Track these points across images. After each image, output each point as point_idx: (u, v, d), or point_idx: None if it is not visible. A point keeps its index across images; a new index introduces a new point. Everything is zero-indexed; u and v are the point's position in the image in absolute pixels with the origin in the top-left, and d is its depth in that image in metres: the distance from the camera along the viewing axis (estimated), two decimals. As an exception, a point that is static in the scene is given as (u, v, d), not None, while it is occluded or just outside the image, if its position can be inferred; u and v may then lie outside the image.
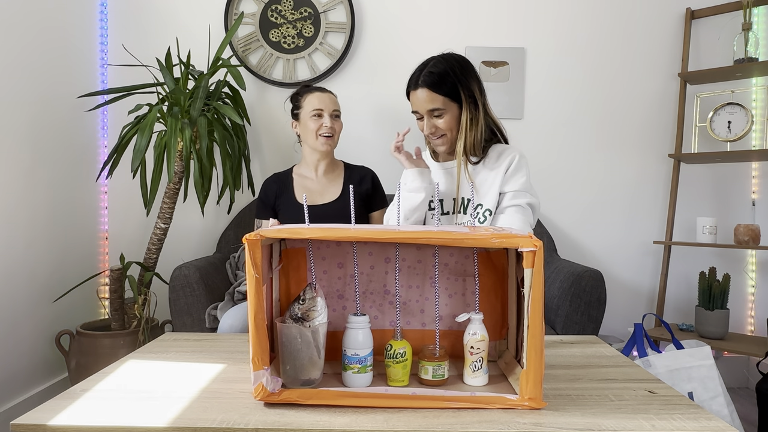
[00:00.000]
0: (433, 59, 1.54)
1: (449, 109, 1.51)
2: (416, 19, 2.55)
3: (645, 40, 2.54)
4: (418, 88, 1.51)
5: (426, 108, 1.51)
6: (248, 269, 0.89)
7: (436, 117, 1.52)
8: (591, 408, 0.91)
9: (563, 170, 2.57)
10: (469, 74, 1.53)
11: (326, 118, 1.92)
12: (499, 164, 1.53)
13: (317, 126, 1.91)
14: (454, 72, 1.50)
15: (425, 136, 1.60)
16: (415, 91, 1.53)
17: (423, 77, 1.51)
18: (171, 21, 2.53)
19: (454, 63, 1.53)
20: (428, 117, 1.53)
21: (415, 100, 1.54)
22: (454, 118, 1.53)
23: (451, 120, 1.52)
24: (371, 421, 0.85)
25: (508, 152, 1.55)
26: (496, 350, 1.13)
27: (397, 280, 1.08)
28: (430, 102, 1.50)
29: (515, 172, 1.52)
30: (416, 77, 1.53)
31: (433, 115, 1.52)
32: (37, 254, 2.13)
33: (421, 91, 1.51)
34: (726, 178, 2.54)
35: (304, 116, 1.94)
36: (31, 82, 2.09)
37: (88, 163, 2.47)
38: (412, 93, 1.55)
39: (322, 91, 1.97)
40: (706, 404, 1.71)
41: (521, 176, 1.52)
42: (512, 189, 1.51)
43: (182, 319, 1.94)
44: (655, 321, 2.47)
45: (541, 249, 0.89)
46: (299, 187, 1.99)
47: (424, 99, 1.51)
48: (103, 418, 0.86)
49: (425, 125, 1.54)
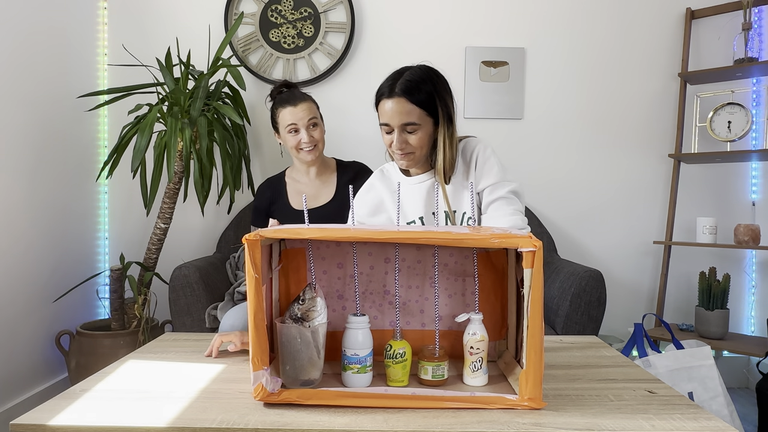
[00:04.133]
0: (409, 68, 1.41)
1: (424, 125, 1.38)
2: (416, 19, 2.55)
3: (645, 40, 2.54)
4: (393, 96, 1.36)
5: (400, 121, 1.36)
6: (248, 269, 0.89)
7: (409, 133, 1.37)
8: (591, 408, 0.91)
9: (563, 170, 2.57)
10: (446, 90, 1.42)
11: (303, 133, 1.85)
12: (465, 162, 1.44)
13: (296, 141, 1.87)
14: (432, 82, 1.38)
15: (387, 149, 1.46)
16: (388, 100, 1.37)
17: (400, 85, 1.36)
18: (171, 21, 2.53)
19: (433, 75, 1.41)
20: (400, 131, 1.37)
21: (388, 110, 1.37)
22: (427, 135, 1.39)
23: (424, 137, 1.38)
24: (371, 421, 0.85)
25: (469, 146, 1.46)
26: (496, 350, 1.13)
27: (396, 280, 1.08)
28: (405, 114, 1.35)
29: (484, 166, 1.43)
30: (391, 85, 1.38)
31: (406, 129, 1.37)
32: (37, 254, 2.13)
33: (396, 100, 1.36)
34: (726, 178, 2.54)
35: (282, 131, 1.90)
36: (31, 82, 2.09)
37: (88, 163, 2.47)
38: (383, 102, 1.39)
39: (294, 104, 1.87)
40: (706, 404, 1.71)
41: (491, 166, 1.42)
42: (488, 184, 1.41)
43: (182, 319, 1.94)
44: (655, 321, 2.47)
45: (541, 249, 0.89)
46: (293, 192, 1.97)
47: (399, 110, 1.35)
48: (103, 418, 0.86)
49: (395, 140, 1.38)
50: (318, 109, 1.94)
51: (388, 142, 1.42)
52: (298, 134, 1.86)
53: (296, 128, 1.86)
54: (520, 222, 1.37)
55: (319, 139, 1.90)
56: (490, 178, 1.42)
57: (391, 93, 1.37)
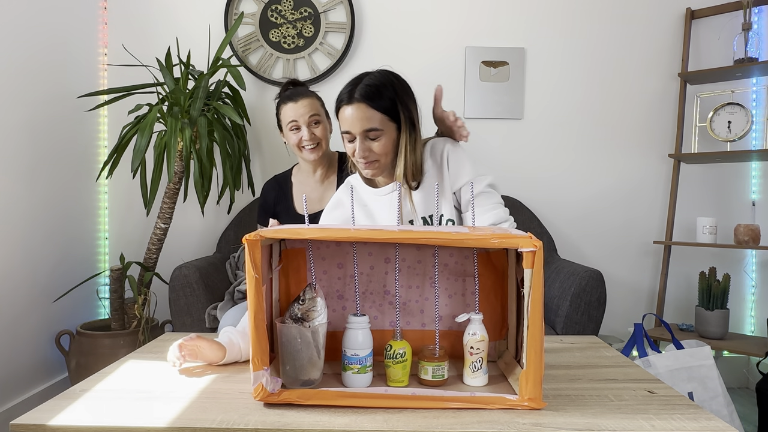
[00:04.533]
0: (368, 73, 1.36)
1: (387, 130, 1.33)
2: (416, 19, 2.55)
3: (645, 40, 2.54)
4: (353, 102, 1.31)
5: (362, 127, 1.31)
6: (248, 270, 0.89)
7: (372, 140, 1.32)
8: (591, 408, 0.91)
9: (563, 170, 2.57)
10: (407, 94, 1.37)
11: (304, 130, 1.81)
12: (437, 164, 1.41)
13: (297, 139, 1.83)
14: (393, 87, 1.34)
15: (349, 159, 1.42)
16: (348, 107, 1.32)
17: (360, 90, 1.31)
18: (171, 21, 2.53)
19: (393, 79, 1.36)
20: (362, 138, 1.32)
21: (349, 117, 1.32)
22: (391, 141, 1.34)
23: (387, 143, 1.34)
24: (371, 421, 0.85)
25: (437, 147, 1.42)
26: (496, 350, 1.13)
27: (396, 280, 1.08)
28: (366, 120, 1.31)
29: (457, 164, 1.40)
30: (350, 91, 1.33)
31: (368, 136, 1.32)
32: (37, 254, 2.13)
33: (356, 106, 1.31)
34: (726, 178, 2.54)
35: (285, 129, 1.87)
36: (31, 82, 2.09)
37: (88, 163, 2.47)
38: (343, 109, 1.33)
39: (295, 100, 1.83)
40: (706, 404, 1.71)
41: (464, 164, 1.40)
42: (465, 181, 1.39)
43: (182, 319, 1.94)
44: (655, 321, 2.47)
45: (541, 249, 0.89)
46: (299, 196, 1.93)
47: (360, 116, 1.30)
48: (103, 418, 0.86)
49: (358, 147, 1.33)
50: (323, 106, 1.90)
51: (350, 151, 1.37)
52: (299, 132, 1.82)
53: (297, 125, 1.82)
54: (503, 214, 1.37)
55: (322, 137, 1.84)
56: (465, 176, 1.39)
57: (351, 99, 1.32)
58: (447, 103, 1.54)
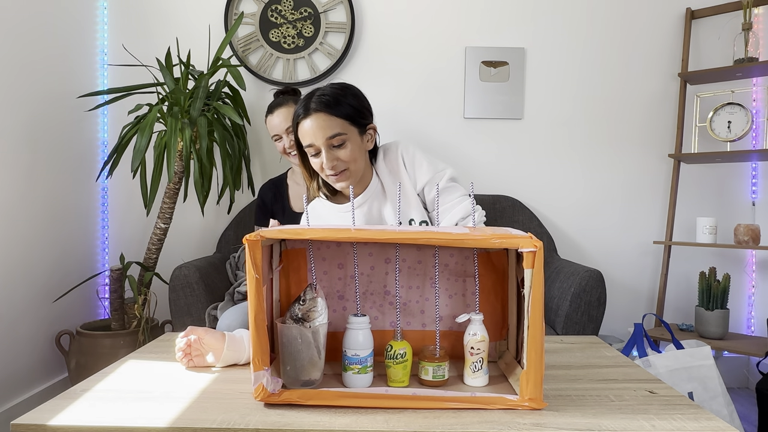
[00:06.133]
0: (320, 87, 1.35)
1: (351, 135, 1.31)
2: (416, 19, 2.55)
3: (645, 40, 2.54)
4: (310, 114, 1.29)
5: (324, 136, 1.28)
6: (248, 270, 0.89)
7: (337, 147, 1.30)
8: (591, 408, 0.91)
9: (563, 170, 2.57)
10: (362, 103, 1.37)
11: (284, 139, 1.90)
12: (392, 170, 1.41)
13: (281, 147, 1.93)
14: (343, 90, 1.33)
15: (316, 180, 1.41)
16: (306, 120, 1.29)
17: (315, 101, 1.29)
18: (171, 21, 2.53)
19: (344, 85, 1.35)
20: (327, 149, 1.29)
21: (309, 129, 1.29)
22: (357, 146, 1.32)
23: (354, 149, 1.31)
24: (371, 421, 0.85)
25: (390, 152, 1.42)
26: (497, 351, 1.13)
27: (397, 280, 1.08)
28: (327, 128, 1.28)
29: (413, 165, 1.40)
30: (305, 104, 1.30)
31: (333, 144, 1.29)
32: (37, 254, 2.13)
33: (315, 116, 1.28)
34: (726, 178, 2.54)
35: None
36: (31, 82, 2.09)
37: (88, 163, 2.47)
38: (301, 124, 1.30)
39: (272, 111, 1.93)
40: (706, 404, 1.72)
41: (420, 163, 1.39)
42: (426, 180, 1.39)
43: (182, 319, 1.94)
44: (655, 321, 2.47)
45: (541, 249, 0.89)
46: (294, 195, 1.99)
47: (321, 125, 1.28)
48: (103, 418, 0.86)
49: (324, 159, 1.30)
50: None
51: (317, 166, 1.33)
52: (281, 141, 1.93)
53: (279, 136, 1.92)
54: (469, 205, 1.35)
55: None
56: (425, 175, 1.39)
57: (308, 111, 1.29)
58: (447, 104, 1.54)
